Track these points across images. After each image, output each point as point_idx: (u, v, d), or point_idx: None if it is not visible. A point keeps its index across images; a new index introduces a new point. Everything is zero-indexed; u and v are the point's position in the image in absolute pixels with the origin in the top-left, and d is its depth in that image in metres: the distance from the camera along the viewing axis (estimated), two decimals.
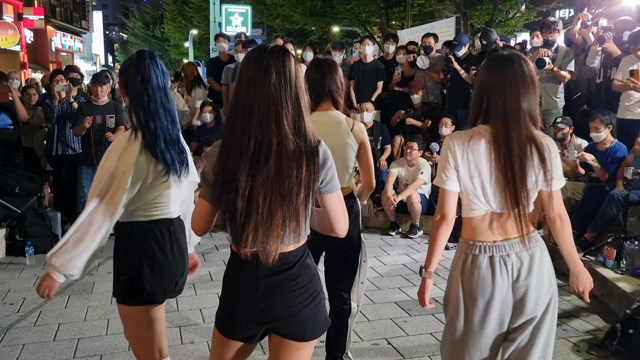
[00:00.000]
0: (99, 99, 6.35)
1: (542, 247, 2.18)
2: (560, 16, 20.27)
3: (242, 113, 1.81)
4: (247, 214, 1.80)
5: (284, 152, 1.78)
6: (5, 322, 4.13)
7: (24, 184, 6.18)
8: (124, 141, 2.27)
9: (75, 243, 2.20)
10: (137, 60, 2.30)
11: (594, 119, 5.45)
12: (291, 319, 1.92)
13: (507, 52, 2.24)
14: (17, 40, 19.71)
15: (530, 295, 2.11)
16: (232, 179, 1.78)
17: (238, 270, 1.94)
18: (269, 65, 1.80)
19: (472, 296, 2.14)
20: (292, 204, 1.80)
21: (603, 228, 5.06)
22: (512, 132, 2.06)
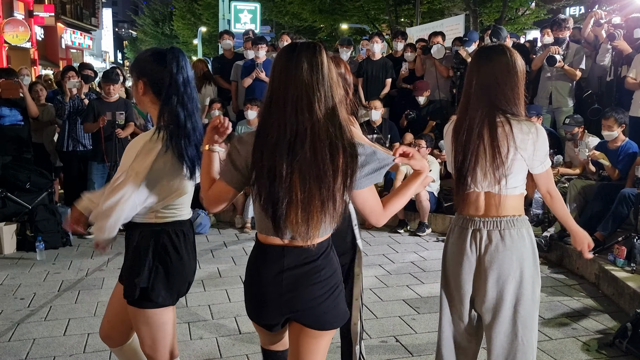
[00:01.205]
0: (111, 97, 6.39)
1: (521, 233, 2.26)
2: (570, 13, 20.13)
3: (276, 102, 1.87)
4: (288, 201, 1.85)
5: (318, 138, 1.82)
6: (16, 317, 4.16)
7: (34, 180, 6.22)
8: (142, 141, 2.22)
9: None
10: (174, 57, 2.23)
11: (609, 118, 5.40)
12: (313, 310, 1.98)
13: (491, 44, 2.36)
14: (28, 37, 19.81)
15: (493, 273, 2.24)
16: (272, 167, 1.83)
17: (263, 262, 1.99)
18: (300, 55, 1.87)
19: (446, 259, 2.40)
20: (328, 188, 1.83)
21: (614, 227, 5.03)
22: (477, 117, 2.20)
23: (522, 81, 2.24)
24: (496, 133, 2.17)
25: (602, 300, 4.53)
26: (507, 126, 2.18)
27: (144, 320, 2.34)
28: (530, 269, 2.26)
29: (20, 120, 6.60)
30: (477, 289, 2.30)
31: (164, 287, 2.28)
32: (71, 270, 5.25)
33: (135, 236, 2.30)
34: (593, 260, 4.89)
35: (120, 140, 6.26)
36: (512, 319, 2.28)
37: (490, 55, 2.25)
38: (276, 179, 1.83)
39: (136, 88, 2.32)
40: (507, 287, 2.24)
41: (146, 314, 2.32)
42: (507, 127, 2.18)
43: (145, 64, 2.30)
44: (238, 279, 4.99)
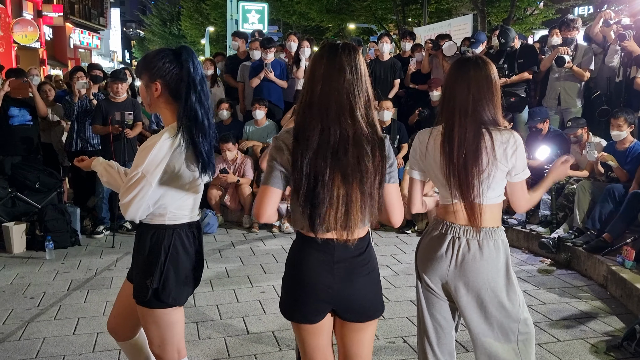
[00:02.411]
0: (118, 97, 6.42)
1: (497, 244, 2.30)
2: (579, 13, 20.04)
3: (318, 107, 1.93)
4: (330, 203, 1.93)
5: (360, 143, 1.91)
6: (26, 316, 4.20)
7: (44, 180, 6.27)
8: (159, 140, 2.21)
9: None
10: (189, 56, 2.24)
11: (618, 117, 5.38)
12: (363, 301, 2.06)
13: (468, 56, 2.40)
14: (37, 37, 19.92)
15: (470, 280, 2.28)
16: (314, 172, 1.91)
17: (313, 254, 2.03)
18: (342, 62, 1.94)
19: (420, 262, 2.41)
20: (368, 188, 1.93)
21: (622, 228, 5.01)
22: (459, 129, 2.23)
23: (499, 91, 2.29)
24: (480, 146, 2.21)
25: (610, 301, 4.51)
26: (488, 138, 2.21)
27: (153, 320, 2.35)
28: (504, 278, 2.31)
29: (30, 120, 6.65)
30: (455, 292, 2.33)
31: (174, 287, 2.30)
32: (80, 270, 5.29)
33: (146, 237, 2.31)
34: (601, 261, 4.88)
35: (128, 141, 6.30)
36: (490, 327, 2.33)
37: (467, 70, 2.27)
38: (318, 182, 1.91)
39: (150, 90, 2.28)
40: (484, 295, 2.29)
41: (156, 314, 2.33)
42: (489, 138, 2.21)
43: (160, 66, 2.25)
44: (246, 278, 5.00)
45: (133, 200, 2.18)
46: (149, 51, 2.41)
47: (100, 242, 6.24)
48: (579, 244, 5.25)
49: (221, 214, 7.07)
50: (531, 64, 6.88)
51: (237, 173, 6.97)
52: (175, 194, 2.28)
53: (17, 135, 6.56)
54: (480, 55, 2.38)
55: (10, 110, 6.52)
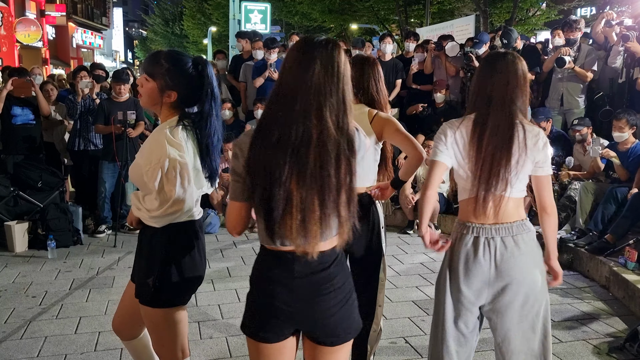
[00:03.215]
0: (120, 97, 6.43)
1: (530, 236, 2.30)
2: (581, 14, 20.03)
3: (283, 101, 1.75)
4: (285, 208, 1.74)
5: (324, 145, 1.71)
6: (28, 315, 4.20)
7: (46, 179, 6.28)
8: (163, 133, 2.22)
9: None
10: (204, 66, 2.28)
11: (621, 119, 5.38)
12: (325, 322, 1.87)
13: (501, 50, 2.44)
14: (40, 37, 19.96)
15: (514, 279, 2.25)
16: (270, 168, 1.72)
17: (271, 269, 1.86)
18: (313, 54, 1.75)
19: (454, 272, 2.32)
20: (332, 200, 1.74)
21: (625, 230, 5.00)
22: (493, 119, 2.22)
23: (528, 88, 2.32)
24: (512, 136, 2.21)
25: (612, 303, 4.50)
26: (521, 129, 2.23)
27: (156, 319, 2.35)
28: (543, 271, 2.32)
29: (32, 119, 6.66)
30: (498, 295, 2.29)
31: (177, 286, 2.30)
32: (82, 269, 5.29)
33: (148, 236, 2.31)
34: (604, 263, 4.87)
35: (131, 140, 6.30)
36: (532, 324, 2.32)
37: (505, 63, 2.28)
38: (274, 180, 1.72)
39: (163, 95, 2.27)
40: (526, 292, 2.27)
41: (158, 314, 2.33)
42: (522, 130, 2.23)
43: (181, 77, 2.26)
44: (247, 278, 4.94)
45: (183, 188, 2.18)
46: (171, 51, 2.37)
47: (102, 242, 6.24)
48: (582, 245, 5.24)
49: (223, 213, 7.07)
50: (533, 64, 6.86)
51: None
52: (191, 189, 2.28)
53: (20, 134, 6.57)
54: (513, 52, 2.40)
55: (13, 109, 6.53)
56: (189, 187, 2.22)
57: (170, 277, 2.28)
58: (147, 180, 2.19)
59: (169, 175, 2.17)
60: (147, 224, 2.30)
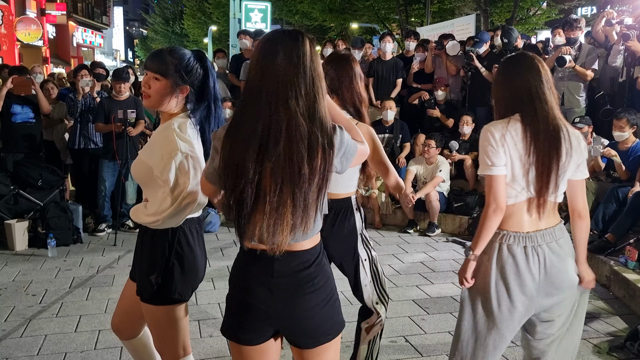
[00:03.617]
0: (121, 95, 6.43)
1: (568, 237, 2.29)
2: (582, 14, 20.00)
3: (249, 94, 1.72)
4: (254, 202, 1.69)
5: (294, 137, 1.65)
6: (28, 313, 4.20)
7: (46, 177, 6.28)
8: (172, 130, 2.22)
9: None
10: (203, 60, 2.31)
11: (621, 118, 5.38)
12: (306, 323, 1.83)
13: (522, 52, 2.38)
14: (40, 36, 19.94)
15: (564, 283, 2.23)
16: (240, 164, 1.68)
17: (250, 268, 1.83)
18: (276, 44, 1.71)
19: (506, 284, 2.21)
20: (302, 192, 1.68)
21: (626, 229, 5.00)
22: (540, 116, 2.16)
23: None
24: (560, 137, 2.16)
25: (612, 302, 4.50)
26: (565, 130, 2.18)
27: (158, 317, 2.34)
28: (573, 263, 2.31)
29: (32, 117, 6.65)
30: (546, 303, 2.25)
31: (178, 283, 2.29)
32: (82, 267, 5.29)
33: (150, 233, 2.30)
34: (604, 262, 4.87)
35: (131, 139, 6.30)
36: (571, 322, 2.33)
37: (533, 62, 2.25)
38: (243, 177, 1.67)
39: (176, 90, 2.26)
40: (570, 292, 2.26)
41: (161, 311, 2.33)
42: (566, 131, 2.18)
43: (195, 72, 2.28)
44: None
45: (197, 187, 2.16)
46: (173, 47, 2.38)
47: (102, 240, 6.24)
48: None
49: (223, 212, 7.05)
50: None
51: None
52: None
53: (20, 133, 6.56)
54: (533, 54, 2.34)
55: (12, 107, 6.52)
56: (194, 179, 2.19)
57: (172, 273, 2.27)
58: (160, 174, 2.17)
59: (181, 168, 2.15)
60: (164, 227, 2.26)
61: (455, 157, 6.83)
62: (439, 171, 6.51)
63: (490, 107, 7.01)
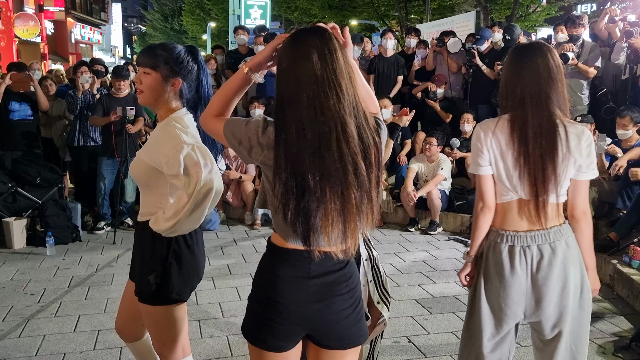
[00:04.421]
0: (120, 92, 6.38)
1: (570, 241, 2.14)
2: (582, 11, 19.96)
3: (289, 103, 1.64)
4: (322, 214, 1.65)
5: (345, 138, 1.62)
6: (26, 313, 4.15)
7: (45, 175, 6.22)
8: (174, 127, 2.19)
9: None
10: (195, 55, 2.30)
11: (624, 116, 5.33)
12: (341, 324, 1.79)
13: (528, 42, 2.25)
14: (38, 32, 19.86)
15: (550, 289, 2.11)
16: (300, 181, 1.62)
17: (283, 269, 1.76)
18: (307, 47, 1.64)
19: (490, 282, 2.19)
20: (364, 191, 1.66)
21: (629, 227, 4.96)
22: (531, 119, 2.07)
23: (564, 80, 2.14)
24: (556, 137, 2.06)
25: (616, 302, 4.46)
26: (562, 129, 2.07)
27: (157, 317, 2.31)
28: (579, 276, 2.15)
29: (30, 115, 6.58)
30: (535, 305, 2.16)
31: (176, 283, 2.26)
32: (81, 266, 5.24)
33: (147, 233, 2.26)
34: (607, 261, 4.83)
35: (130, 136, 6.25)
36: (570, 332, 2.18)
37: (534, 56, 2.12)
38: (305, 192, 1.62)
39: (168, 83, 2.24)
40: (566, 300, 2.13)
41: (159, 311, 2.29)
42: (563, 130, 2.07)
43: (186, 64, 2.26)
44: (248, 275, 4.96)
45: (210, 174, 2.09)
46: (164, 42, 2.37)
47: (102, 238, 6.19)
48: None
49: (223, 210, 7.02)
50: None
51: (239, 169, 6.92)
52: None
53: (18, 130, 6.49)
54: (543, 42, 2.22)
55: (10, 104, 6.45)
56: (213, 167, 2.13)
57: (171, 273, 2.24)
58: (169, 170, 2.11)
59: (189, 159, 2.09)
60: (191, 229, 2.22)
61: (456, 154, 6.79)
62: (441, 169, 6.46)
63: (491, 104, 6.99)
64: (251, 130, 1.73)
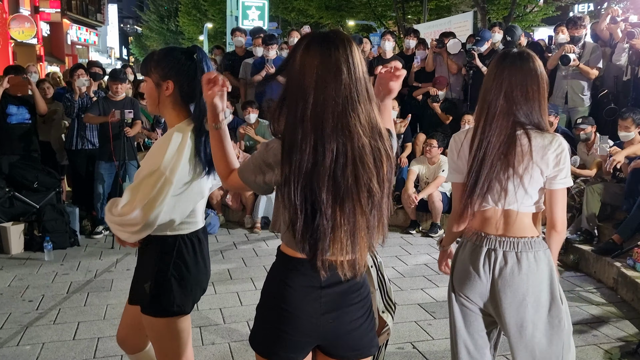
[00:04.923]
0: (117, 96, 6.32)
1: (539, 256, 2.11)
2: (579, 10, 19.96)
3: (311, 121, 1.58)
4: (332, 233, 1.63)
5: (360, 158, 1.59)
6: (24, 320, 4.09)
7: (42, 179, 6.16)
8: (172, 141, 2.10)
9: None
10: (202, 56, 2.18)
11: (626, 118, 5.30)
12: (353, 334, 1.77)
13: (509, 50, 2.20)
14: (34, 34, 19.72)
15: (508, 297, 2.10)
16: (311, 199, 1.59)
17: (295, 279, 1.73)
18: (338, 62, 1.58)
19: (457, 279, 2.24)
20: (374, 204, 1.64)
21: (633, 230, 4.92)
22: (488, 131, 2.06)
23: (544, 88, 2.10)
24: (514, 147, 2.03)
25: (621, 305, 4.43)
26: (525, 141, 2.03)
27: (158, 329, 2.26)
28: (547, 294, 2.11)
29: (28, 118, 6.51)
30: (494, 309, 2.17)
31: (177, 295, 2.21)
32: (80, 272, 5.18)
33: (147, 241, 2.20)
34: (611, 264, 4.80)
35: (128, 139, 6.19)
36: (529, 345, 2.14)
37: (504, 66, 2.09)
38: (317, 212, 1.60)
39: (160, 89, 2.18)
40: (522, 313, 2.11)
41: (160, 323, 2.24)
42: (527, 142, 2.03)
43: (174, 65, 2.17)
44: (249, 280, 4.91)
45: (154, 202, 2.05)
46: (156, 49, 2.30)
47: (100, 243, 6.13)
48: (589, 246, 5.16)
49: (222, 214, 6.97)
50: None
51: None
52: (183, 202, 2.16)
53: (15, 134, 6.42)
54: (525, 49, 2.18)
55: (8, 108, 6.38)
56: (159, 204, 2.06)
57: (170, 285, 2.19)
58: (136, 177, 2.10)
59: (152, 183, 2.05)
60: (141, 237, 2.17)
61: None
62: (442, 171, 6.42)
63: None
64: (257, 160, 1.73)
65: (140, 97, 6.94)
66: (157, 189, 2.05)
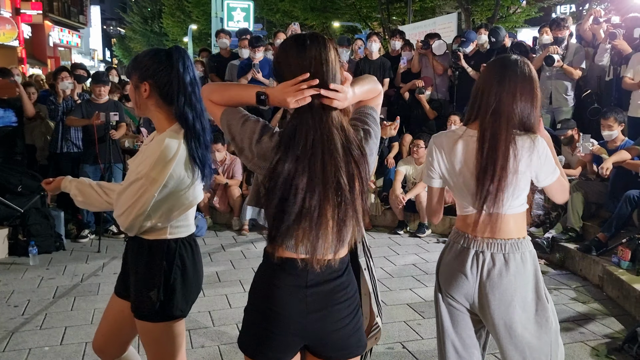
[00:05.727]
0: (100, 99, 6.26)
1: (525, 257, 2.13)
2: (561, 12, 20.19)
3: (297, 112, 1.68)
4: (297, 216, 1.64)
5: (330, 150, 1.64)
6: (10, 326, 4.04)
7: (26, 183, 6.07)
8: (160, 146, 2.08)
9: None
10: (180, 57, 2.14)
11: (608, 117, 5.37)
12: (339, 333, 1.77)
13: (509, 55, 2.22)
14: (15, 36, 19.55)
15: (496, 298, 2.11)
16: (289, 178, 1.62)
17: (280, 278, 1.74)
18: (311, 53, 1.69)
19: (443, 279, 2.24)
20: (347, 201, 1.65)
21: (617, 228, 4.99)
22: (492, 132, 2.07)
23: (537, 94, 2.13)
24: (507, 152, 2.05)
25: (607, 302, 4.48)
26: (512, 144, 2.06)
27: (156, 334, 2.23)
28: (532, 294, 2.14)
29: (15, 121, 6.43)
30: (481, 310, 2.18)
31: (180, 298, 2.20)
32: (66, 276, 5.12)
33: (145, 246, 2.19)
34: (596, 262, 4.85)
35: (114, 142, 6.14)
36: (519, 345, 2.15)
37: (505, 69, 2.12)
38: (290, 191, 1.62)
39: (139, 91, 2.16)
40: (511, 314, 2.12)
41: (159, 328, 2.22)
42: (513, 144, 2.06)
43: (150, 65, 2.14)
44: (238, 282, 4.90)
45: (132, 210, 2.05)
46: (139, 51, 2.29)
47: (86, 247, 6.07)
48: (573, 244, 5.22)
49: (210, 216, 6.94)
50: None
51: (226, 174, 6.85)
52: (175, 206, 2.15)
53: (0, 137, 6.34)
54: (522, 57, 2.20)
55: None
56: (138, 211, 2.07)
57: (174, 289, 2.17)
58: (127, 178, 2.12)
59: (135, 190, 2.05)
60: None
61: None
62: None
63: None
64: (246, 134, 1.71)
65: (126, 100, 6.90)
66: (138, 196, 2.05)
